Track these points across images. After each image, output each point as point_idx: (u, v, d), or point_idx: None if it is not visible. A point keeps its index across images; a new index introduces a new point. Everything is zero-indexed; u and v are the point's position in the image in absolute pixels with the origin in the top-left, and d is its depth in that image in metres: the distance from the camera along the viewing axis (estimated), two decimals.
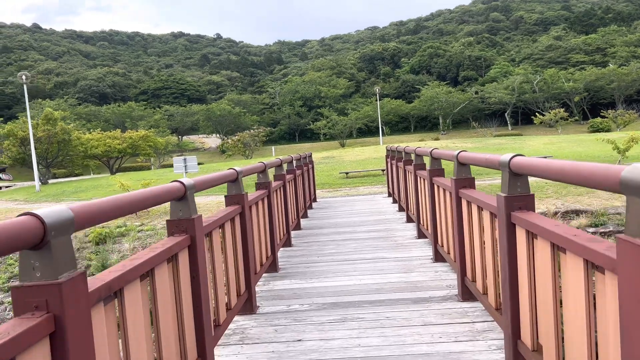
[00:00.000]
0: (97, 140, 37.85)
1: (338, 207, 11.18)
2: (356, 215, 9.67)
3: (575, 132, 57.45)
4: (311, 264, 6.03)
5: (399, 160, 9.62)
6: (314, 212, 10.56)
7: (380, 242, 7.04)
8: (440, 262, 5.58)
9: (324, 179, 20.86)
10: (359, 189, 17.33)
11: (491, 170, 19.09)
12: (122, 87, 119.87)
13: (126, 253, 12.36)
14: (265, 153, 57.20)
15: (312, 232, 8.17)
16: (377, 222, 8.69)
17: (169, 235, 2.76)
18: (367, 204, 11.51)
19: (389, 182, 12.04)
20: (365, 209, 10.60)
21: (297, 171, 9.15)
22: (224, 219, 3.72)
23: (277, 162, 7.11)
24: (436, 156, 5.44)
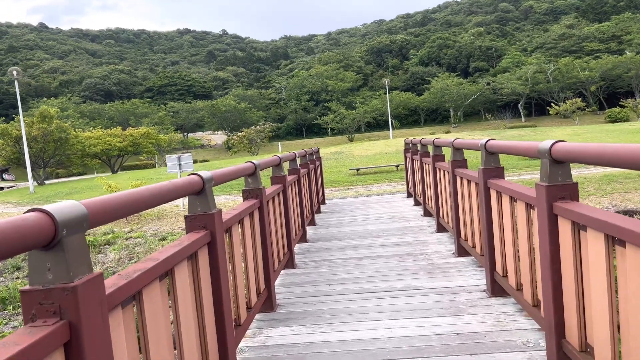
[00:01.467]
0: (96, 138, 36.46)
1: (351, 211, 9.60)
2: (374, 222, 8.09)
3: (591, 122, 55.38)
4: (320, 297, 4.47)
5: (424, 155, 8.03)
6: (323, 218, 9.00)
7: (410, 261, 5.47)
8: (500, 295, 4.02)
9: (332, 176, 19.29)
10: (371, 187, 15.74)
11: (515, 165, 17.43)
12: (128, 84, 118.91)
13: (110, 265, 10.88)
14: (272, 149, 55.68)
15: (321, 246, 6.61)
16: (401, 232, 7.11)
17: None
18: (384, 206, 9.91)
19: (410, 180, 10.44)
20: (384, 213, 9.01)
21: (302, 170, 7.61)
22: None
23: (275, 160, 5.58)
24: (493, 149, 3.83)
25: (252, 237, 3.88)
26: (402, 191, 12.76)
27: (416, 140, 9.06)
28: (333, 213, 9.56)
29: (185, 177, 2.53)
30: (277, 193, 5.23)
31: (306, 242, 6.93)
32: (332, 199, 12.37)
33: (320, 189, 10.36)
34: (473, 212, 4.56)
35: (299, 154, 7.77)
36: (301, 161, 8.22)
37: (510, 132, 30.87)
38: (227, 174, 3.31)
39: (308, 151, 8.86)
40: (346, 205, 10.53)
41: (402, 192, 12.61)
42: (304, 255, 6.13)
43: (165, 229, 12.71)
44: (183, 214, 14.74)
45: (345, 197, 12.35)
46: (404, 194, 11.95)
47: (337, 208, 10.25)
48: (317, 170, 10.17)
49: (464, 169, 5.03)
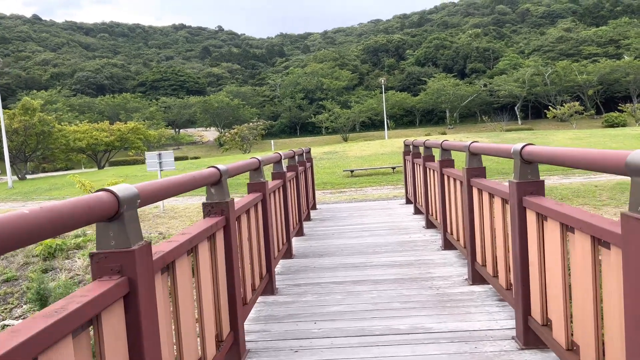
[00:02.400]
0: (82, 132, 35.19)
1: (344, 219, 8.62)
2: (369, 234, 7.12)
3: (588, 126, 54.78)
4: (302, 341, 3.49)
5: (428, 159, 7.08)
6: (313, 227, 8.03)
7: (414, 288, 4.50)
8: (536, 347, 3.06)
9: (325, 177, 18.32)
10: (366, 190, 14.78)
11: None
12: (120, 78, 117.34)
13: (78, 273, 9.86)
14: (265, 147, 54.63)
15: (308, 264, 5.64)
16: (401, 247, 6.15)
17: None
18: (381, 214, 8.93)
19: (409, 186, 9.49)
20: (380, 222, 8.04)
21: (289, 174, 6.65)
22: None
23: (253, 163, 4.58)
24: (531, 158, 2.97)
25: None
26: (400, 196, 11.82)
27: (419, 141, 8.12)
28: (324, 221, 8.59)
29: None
30: (254, 204, 4.27)
31: (291, 257, 5.96)
32: (324, 203, 11.40)
33: (310, 194, 9.39)
34: (496, 230, 3.77)
35: (286, 156, 6.80)
36: (288, 163, 7.26)
37: (509, 135, 30.03)
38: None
39: (297, 152, 7.88)
40: (339, 212, 9.55)
41: (399, 197, 11.67)
42: (287, 277, 5.16)
43: (143, 232, 11.67)
44: (162, 215, 13.80)
45: (338, 202, 11.36)
46: (401, 199, 11.00)
47: (328, 215, 9.27)
48: (308, 173, 9.20)
49: (481, 179, 4.11)
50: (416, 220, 7.97)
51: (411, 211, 8.91)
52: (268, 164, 4.79)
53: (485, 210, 3.94)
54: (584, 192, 11.32)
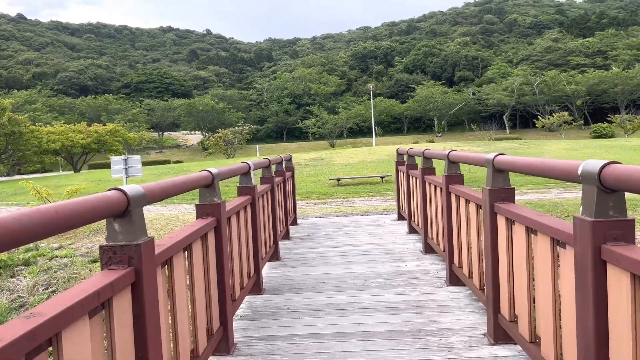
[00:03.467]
0: (58, 134, 33.56)
1: (328, 239, 7.46)
2: (357, 260, 5.97)
3: (576, 137, 54.46)
4: None
5: (427, 172, 5.95)
6: (291, 248, 6.87)
7: (418, 346, 3.36)
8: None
9: (310, 185, 17.18)
10: (353, 201, 13.66)
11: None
12: (105, 80, 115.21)
13: (21, 295, 8.56)
14: (250, 152, 53.37)
15: (280, 304, 4.46)
16: (397, 280, 5.00)
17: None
18: (371, 233, 7.78)
19: (403, 200, 8.37)
20: (370, 244, 6.90)
21: (262, 187, 5.51)
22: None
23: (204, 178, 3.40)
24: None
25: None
26: (391, 210, 10.70)
27: (415, 150, 7.01)
28: (305, 240, 7.42)
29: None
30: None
31: (260, 293, 4.79)
32: (307, 217, 10.23)
33: (290, 208, 8.23)
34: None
35: (258, 165, 5.63)
36: (262, 174, 6.10)
37: (500, 144, 29.18)
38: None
39: (274, 160, 6.72)
40: (322, 229, 8.39)
41: (390, 211, 10.56)
42: (251, 324, 3.98)
43: None
44: None
45: (322, 216, 10.19)
46: (392, 214, 9.89)
47: (310, 232, 8.11)
48: (288, 184, 8.05)
49: (510, 204, 3.04)
50: (412, 242, 6.84)
51: (404, 230, 7.79)
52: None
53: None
54: None
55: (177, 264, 2.47)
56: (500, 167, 2.98)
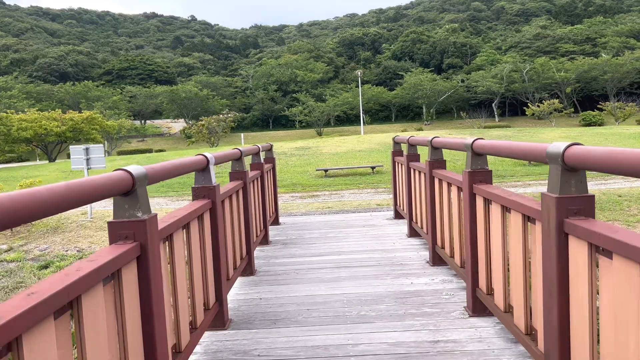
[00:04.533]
0: (30, 121, 31.77)
1: (314, 243, 6.29)
2: (350, 275, 4.81)
3: (566, 125, 53.88)
4: None
5: (435, 166, 4.80)
6: (270, 256, 5.71)
7: None
8: None
9: (295, 177, 16.00)
10: (342, 194, 12.52)
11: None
12: (86, 66, 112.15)
13: None
14: (234, 140, 51.89)
15: (251, 344, 3.29)
16: (403, 308, 3.86)
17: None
18: (365, 236, 6.61)
19: (402, 197, 7.22)
20: (365, 251, 5.74)
21: (231, 186, 4.34)
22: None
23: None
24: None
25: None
26: (385, 206, 9.57)
27: (418, 139, 5.87)
28: (287, 246, 6.25)
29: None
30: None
31: (224, 328, 3.61)
32: (291, 214, 9.05)
33: (269, 208, 7.05)
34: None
35: (226, 156, 4.41)
36: (233, 168, 4.89)
37: (494, 132, 28.18)
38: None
39: (247, 150, 5.50)
40: (308, 230, 7.22)
41: (384, 207, 9.43)
42: None
43: (58, 247, 9.14)
44: (88, 224, 11.25)
45: (308, 213, 9.00)
46: (388, 210, 8.76)
47: (294, 234, 6.94)
48: (267, 178, 6.86)
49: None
50: (414, 249, 5.71)
51: (404, 231, 6.67)
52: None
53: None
54: (609, 204, 9.28)
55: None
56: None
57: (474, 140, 3.26)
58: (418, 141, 5.80)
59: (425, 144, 4.93)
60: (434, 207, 4.72)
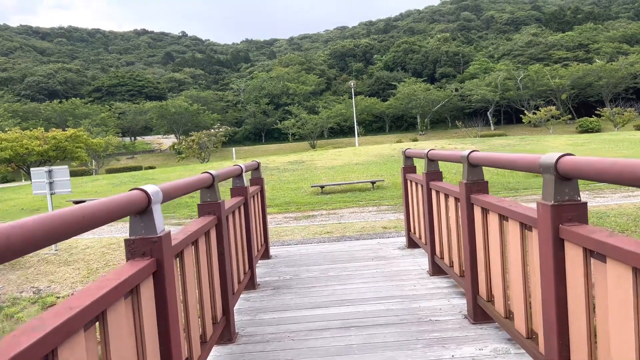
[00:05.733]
0: (11, 140, 30.33)
1: (312, 290, 4.95)
2: (363, 343, 3.50)
3: (563, 131, 53.03)
4: None
5: (476, 190, 3.55)
6: (256, 309, 4.40)
7: None
8: None
9: (289, 194, 14.73)
10: (342, 213, 11.25)
11: None
12: (75, 84, 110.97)
13: None
14: (226, 155, 50.61)
15: None
16: None
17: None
18: (375, 275, 5.27)
19: (416, 221, 5.94)
20: (378, 300, 4.44)
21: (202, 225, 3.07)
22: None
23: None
24: None
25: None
26: (392, 229, 8.31)
27: (441, 154, 4.63)
28: (278, 291, 4.94)
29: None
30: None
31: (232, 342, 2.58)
32: (283, 243, 7.75)
33: (258, 240, 5.75)
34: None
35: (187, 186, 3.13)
36: (202, 199, 3.59)
37: (496, 141, 27.05)
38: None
39: (224, 173, 4.20)
40: (305, 265, 5.92)
41: (392, 230, 8.17)
42: None
43: (12, 288, 7.79)
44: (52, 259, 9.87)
45: (304, 242, 7.68)
46: (397, 235, 7.49)
47: (287, 273, 5.64)
48: (253, 204, 5.59)
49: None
50: (443, 294, 4.42)
51: (423, 266, 5.40)
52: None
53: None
54: None
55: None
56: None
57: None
58: (441, 156, 4.65)
59: (454, 159, 3.89)
60: (473, 244, 3.55)
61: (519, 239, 2.61)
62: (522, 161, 2.45)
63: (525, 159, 2.42)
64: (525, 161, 2.41)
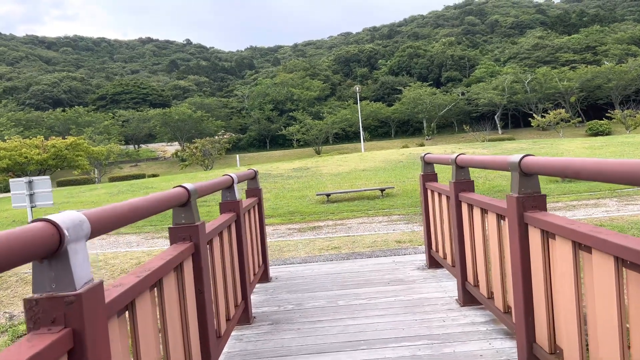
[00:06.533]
0: (10, 149, 29.66)
1: (318, 324, 4.09)
2: None
3: (572, 135, 52.00)
4: None
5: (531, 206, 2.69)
6: (251, 348, 3.56)
7: None
8: None
9: (294, 203, 13.90)
10: (349, 224, 10.40)
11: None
12: (80, 92, 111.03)
13: None
14: (230, 162, 49.92)
15: None
16: None
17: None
18: (393, 305, 4.40)
19: (439, 236, 5.09)
20: (399, 338, 3.60)
21: (176, 251, 2.24)
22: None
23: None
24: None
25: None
26: (407, 243, 7.44)
27: (475, 159, 3.75)
28: (277, 327, 4.08)
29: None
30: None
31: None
32: (285, 261, 6.90)
33: (255, 261, 4.90)
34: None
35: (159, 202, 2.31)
36: (180, 220, 2.74)
37: (509, 145, 26.09)
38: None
39: (207, 186, 3.36)
40: (309, 292, 5.07)
41: (407, 244, 7.30)
42: None
43: None
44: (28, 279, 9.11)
45: (309, 260, 6.81)
46: (414, 252, 6.64)
47: (289, 302, 4.78)
48: (249, 220, 4.75)
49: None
50: (480, 332, 3.55)
51: (449, 291, 4.54)
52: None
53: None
54: None
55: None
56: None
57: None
58: (476, 162, 3.62)
59: (496, 165, 2.98)
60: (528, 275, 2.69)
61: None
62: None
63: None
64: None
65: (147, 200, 2.13)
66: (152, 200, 2.18)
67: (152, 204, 2.16)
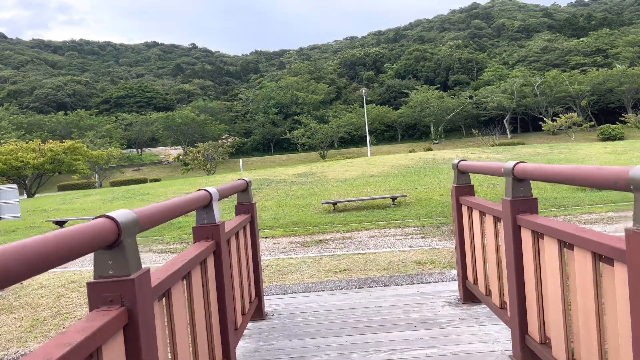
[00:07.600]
0: (5, 153, 28.70)
1: None
2: None
3: (583, 139, 50.66)
4: None
5: None
6: None
7: None
8: None
9: (297, 213, 12.81)
10: (359, 238, 9.29)
11: None
12: (84, 96, 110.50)
13: None
14: (233, 166, 48.91)
15: None
16: None
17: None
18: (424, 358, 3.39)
19: (477, 264, 3.99)
20: None
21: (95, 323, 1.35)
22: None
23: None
24: None
25: None
26: (430, 266, 6.33)
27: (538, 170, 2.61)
28: None
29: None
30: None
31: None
32: (284, 289, 5.79)
33: (243, 298, 3.80)
34: None
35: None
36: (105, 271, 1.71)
37: (524, 149, 24.93)
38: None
39: (156, 212, 2.29)
40: (313, 336, 3.96)
41: (429, 268, 6.19)
42: None
43: None
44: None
45: (313, 288, 5.68)
46: (440, 278, 5.52)
47: (285, 355, 3.66)
48: (237, 245, 3.66)
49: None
50: None
51: (494, 337, 3.43)
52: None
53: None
54: None
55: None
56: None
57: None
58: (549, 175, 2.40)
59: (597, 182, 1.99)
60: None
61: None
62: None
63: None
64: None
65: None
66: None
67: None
